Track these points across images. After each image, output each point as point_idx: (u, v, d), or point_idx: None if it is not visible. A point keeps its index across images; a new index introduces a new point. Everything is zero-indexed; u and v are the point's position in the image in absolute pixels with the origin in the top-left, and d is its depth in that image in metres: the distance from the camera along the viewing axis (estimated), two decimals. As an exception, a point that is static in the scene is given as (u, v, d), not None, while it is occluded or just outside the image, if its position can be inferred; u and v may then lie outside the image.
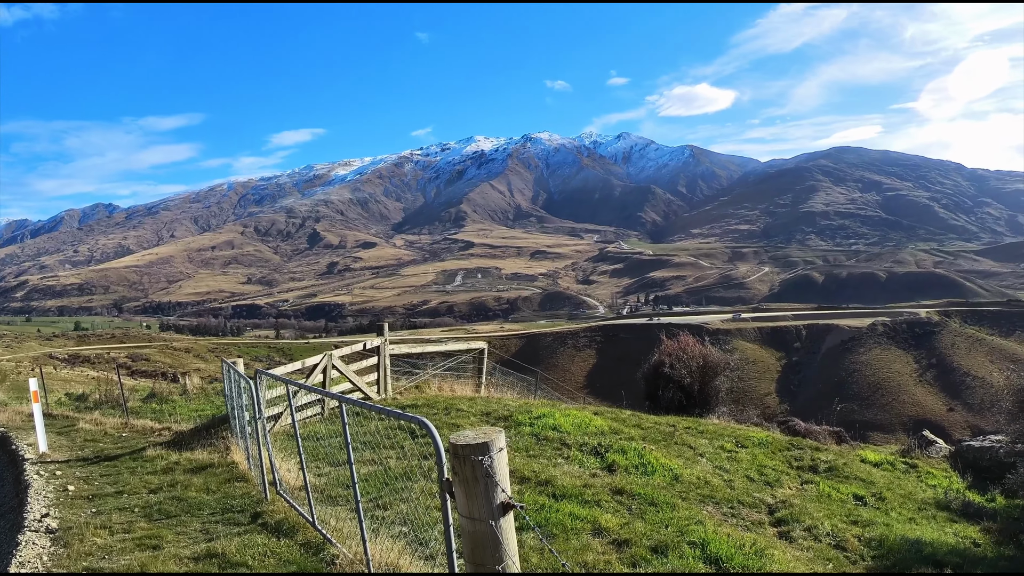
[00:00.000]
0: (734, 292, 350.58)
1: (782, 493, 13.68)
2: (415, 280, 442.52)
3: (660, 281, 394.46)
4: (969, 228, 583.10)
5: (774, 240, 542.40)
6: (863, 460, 18.24)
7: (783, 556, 9.59)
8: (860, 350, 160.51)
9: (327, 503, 10.10)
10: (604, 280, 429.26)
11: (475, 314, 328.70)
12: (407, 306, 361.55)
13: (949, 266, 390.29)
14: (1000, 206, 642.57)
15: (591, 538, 9.17)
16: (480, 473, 4.88)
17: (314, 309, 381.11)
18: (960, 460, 19.19)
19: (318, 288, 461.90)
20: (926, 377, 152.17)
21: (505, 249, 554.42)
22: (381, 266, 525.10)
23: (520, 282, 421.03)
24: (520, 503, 5.13)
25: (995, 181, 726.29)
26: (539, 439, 14.38)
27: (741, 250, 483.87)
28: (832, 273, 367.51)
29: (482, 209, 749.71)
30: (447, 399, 19.00)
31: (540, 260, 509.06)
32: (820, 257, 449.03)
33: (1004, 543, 12.76)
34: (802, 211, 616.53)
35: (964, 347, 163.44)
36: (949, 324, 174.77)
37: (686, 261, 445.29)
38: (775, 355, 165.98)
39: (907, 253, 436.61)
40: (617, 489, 11.38)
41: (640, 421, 17.73)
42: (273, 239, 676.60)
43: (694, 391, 23.19)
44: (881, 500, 14.53)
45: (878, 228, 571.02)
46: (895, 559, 10.96)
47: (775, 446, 17.44)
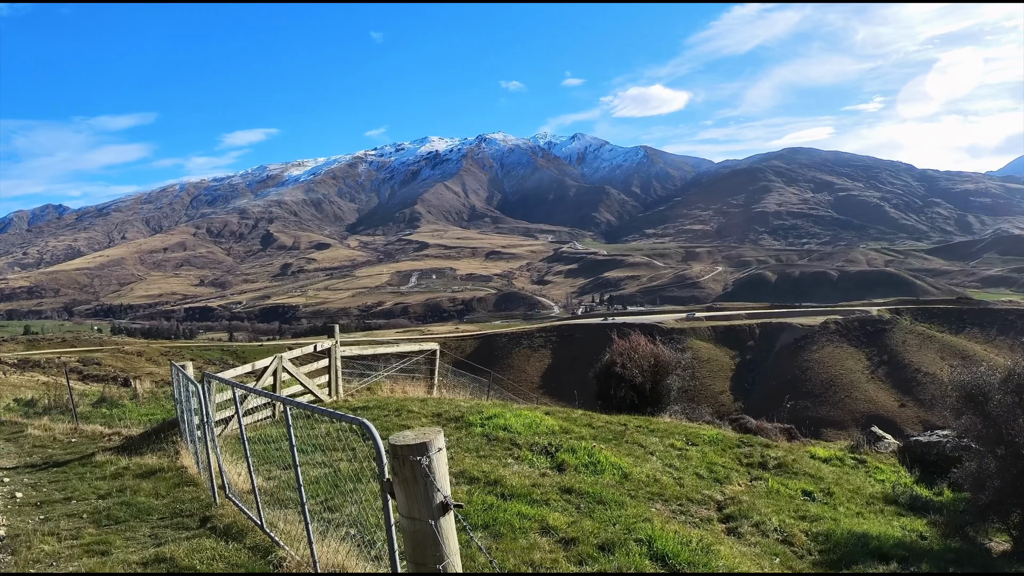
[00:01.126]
0: (688, 292, 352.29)
1: (731, 490, 13.79)
2: (369, 281, 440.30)
3: (615, 281, 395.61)
4: (919, 228, 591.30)
5: (727, 240, 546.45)
6: (812, 456, 18.43)
7: (729, 552, 9.67)
8: (813, 348, 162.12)
9: (277, 506, 10.03)
10: (559, 280, 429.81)
11: (430, 315, 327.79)
12: (362, 307, 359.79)
13: (900, 265, 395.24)
14: (949, 206, 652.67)
15: (539, 537, 9.18)
16: (419, 473, 4.89)
17: (268, 311, 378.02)
18: (908, 455, 19.41)
19: (272, 290, 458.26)
20: (878, 374, 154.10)
21: (460, 250, 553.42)
22: (335, 267, 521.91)
23: (475, 283, 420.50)
24: (459, 502, 5.15)
25: (945, 182, 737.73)
26: (490, 439, 14.39)
27: (695, 250, 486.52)
28: (785, 272, 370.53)
29: (437, 210, 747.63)
30: (399, 401, 18.95)
31: (495, 261, 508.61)
32: (773, 256, 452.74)
33: (950, 536, 12.95)
34: (755, 211, 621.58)
35: (915, 344, 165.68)
36: (900, 322, 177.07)
37: (640, 261, 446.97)
38: (729, 354, 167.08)
39: (859, 252, 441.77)
40: (566, 488, 11.41)
41: (591, 420, 17.80)
42: (226, 240, 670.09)
43: (646, 390, 23.28)
44: (829, 495, 14.67)
45: (830, 228, 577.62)
46: (841, 553, 11.08)
47: (725, 443, 17.58)
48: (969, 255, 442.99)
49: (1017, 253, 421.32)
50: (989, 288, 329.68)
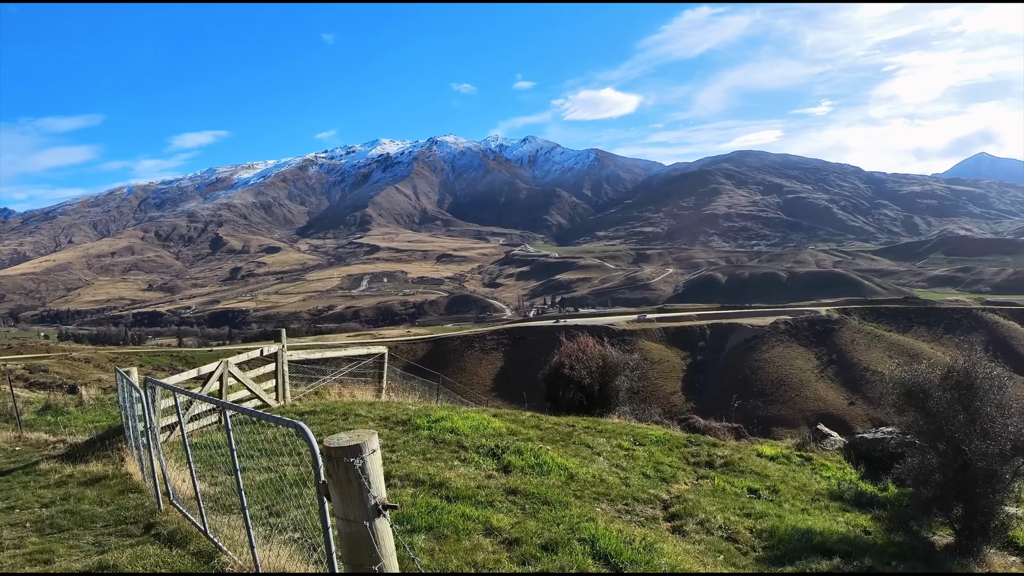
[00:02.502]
0: (639, 293, 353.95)
1: (677, 489, 13.89)
2: (320, 285, 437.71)
3: (566, 283, 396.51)
4: (867, 229, 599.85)
5: (678, 242, 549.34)
6: (759, 454, 18.57)
7: (673, 550, 9.73)
8: (763, 348, 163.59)
9: (221, 512, 10.00)
10: (511, 283, 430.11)
11: (381, 318, 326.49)
12: (312, 311, 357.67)
13: (848, 265, 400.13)
14: (896, 207, 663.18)
15: (482, 538, 9.20)
16: (353, 475, 4.89)
17: (217, 316, 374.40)
18: (853, 452, 19.64)
19: (221, 294, 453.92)
20: (827, 373, 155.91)
21: (411, 253, 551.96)
22: (285, 271, 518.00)
23: (427, 286, 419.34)
24: (395, 504, 5.15)
25: (891, 184, 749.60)
26: (437, 442, 14.38)
27: (646, 252, 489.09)
28: (735, 274, 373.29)
29: (388, 212, 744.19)
30: (346, 404, 18.87)
31: (446, 263, 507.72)
32: (723, 258, 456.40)
33: (894, 530, 13.14)
34: (705, 213, 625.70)
35: (863, 343, 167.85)
36: (849, 321, 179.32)
37: (592, 263, 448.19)
38: (680, 354, 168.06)
39: (807, 253, 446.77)
40: (511, 489, 11.44)
41: (539, 422, 17.82)
42: (175, 244, 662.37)
43: (594, 391, 23.36)
44: (775, 493, 14.81)
45: (779, 229, 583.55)
46: (785, 549, 11.20)
47: (673, 443, 17.67)
48: (915, 256, 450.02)
49: (962, 253, 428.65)
50: (935, 288, 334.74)
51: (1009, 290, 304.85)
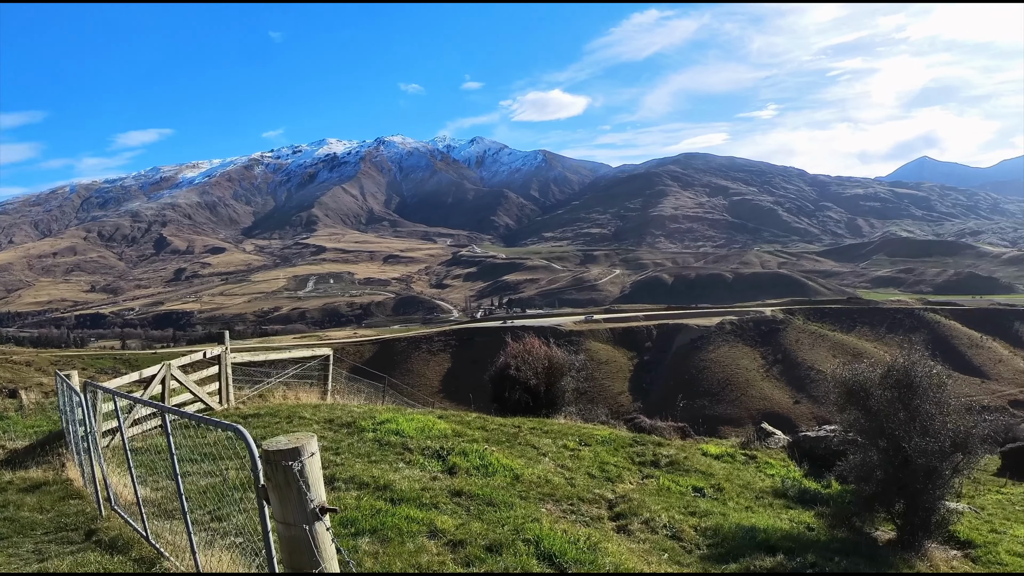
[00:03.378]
0: (586, 294, 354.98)
1: (622, 488, 13.94)
2: (266, 286, 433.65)
3: (514, 284, 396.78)
4: (811, 231, 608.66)
5: (625, 243, 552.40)
6: (704, 453, 18.71)
7: (617, 549, 9.78)
8: (709, 348, 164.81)
9: (164, 517, 9.88)
10: (458, 284, 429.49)
11: (328, 320, 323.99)
12: (258, 313, 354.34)
13: (793, 267, 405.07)
14: (840, 210, 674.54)
15: (426, 540, 9.18)
16: (291, 478, 4.85)
17: (161, 318, 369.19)
18: (797, 450, 19.87)
19: (165, 296, 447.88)
20: (773, 372, 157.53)
21: (358, 254, 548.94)
22: (230, 272, 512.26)
23: (373, 287, 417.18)
24: (334, 507, 5.10)
25: (835, 186, 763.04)
26: (381, 444, 14.29)
27: (593, 253, 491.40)
28: (681, 275, 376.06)
29: (334, 213, 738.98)
30: (291, 407, 18.71)
31: (393, 264, 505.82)
32: (669, 259, 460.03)
33: (837, 526, 13.29)
34: (652, 215, 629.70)
35: (808, 343, 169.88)
36: (793, 321, 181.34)
37: (539, 264, 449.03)
38: (627, 355, 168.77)
39: (753, 255, 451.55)
40: (456, 491, 11.42)
41: (485, 423, 17.80)
42: (118, 244, 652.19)
43: (540, 392, 23.37)
44: (719, 491, 14.92)
45: (725, 231, 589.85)
46: (730, 547, 11.30)
47: (618, 443, 17.73)
48: (859, 257, 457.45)
49: (904, 254, 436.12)
50: (878, 288, 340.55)
51: (950, 290, 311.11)
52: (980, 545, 14.41)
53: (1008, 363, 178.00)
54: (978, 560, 13.71)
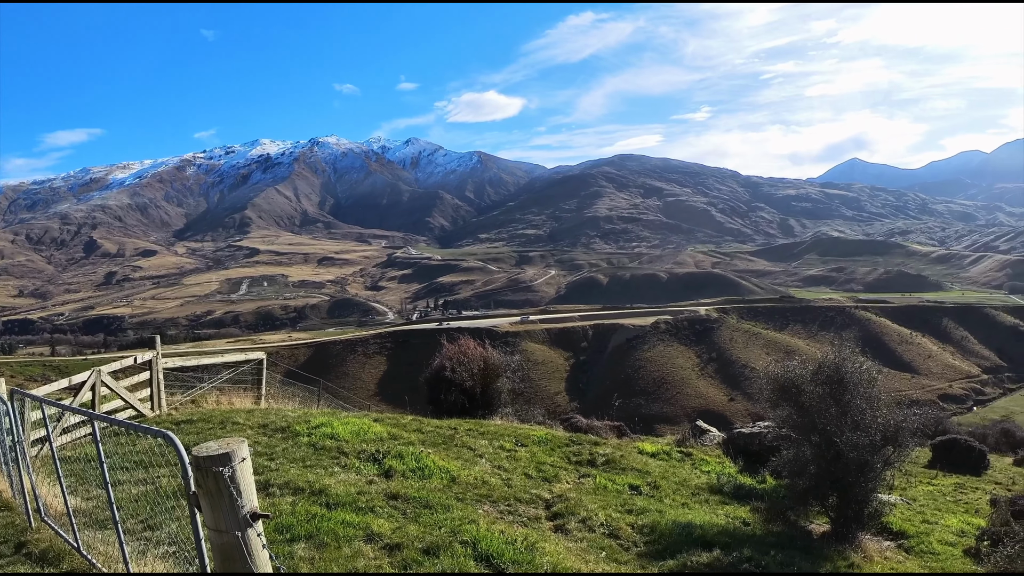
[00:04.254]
0: (522, 295, 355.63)
1: (559, 488, 13.95)
2: (198, 289, 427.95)
3: (449, 286, 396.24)
4: (744, 231, 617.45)
5: (560, 244, 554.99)
6: (640, 452, 18.81)
7: (554, 548, 9.77)
8: (645, 347, 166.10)
9: (96, 527, 9.64)
10: (393, 286, 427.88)
11: (262, 324, 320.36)
12: (191, 317, 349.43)
13: (726, 266, 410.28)
14: (772, 210, 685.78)
15: (363, 544, 9.09)
16: (222, 484, 4.77)
17: (92, 322, 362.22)
18: (732, 446, 20.07)
19: (96, 300, 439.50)
20: (708, 370, 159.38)
21: (292, 256, 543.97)
22: (162, 275, 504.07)
23: (308, 289, 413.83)
24: (267, 512, 5.03)
25: (768, 187, 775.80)
26: (317, 448, 14.16)
27: (528, 254, 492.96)
28: (616, 275, 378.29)
29: (268, 215, 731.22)
30: (224, 412, 18.45)
31: (328, 267, 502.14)
32: (604, 260, 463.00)
33: (772, 520, 13.44)
34: (587, 216, 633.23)
35: (742, 341, 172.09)
36: (727, 320, 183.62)
37: (475, 266, 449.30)
38: (564, 355, 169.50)
39: (687, 255, 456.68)
40: (392, 494, 11.33)
41: (421, 425, 17.70)
42: (47, 248, 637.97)
43: (476, 393, 23.33)
44: (656, 488, 15.01)
45: (659, 231, 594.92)
46: (666, 543, 11.36)
47: (555, 443, 17.76)
48: (791, 256, 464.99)
49: (835, 254, 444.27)
50: (810, 287, 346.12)
51: (880, 288, 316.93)
52: (913, 535, 14.75)
53: (937, 358, 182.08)
54: (911, 550, 14.00)
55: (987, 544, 13.74)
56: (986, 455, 28.93)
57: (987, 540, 13.97)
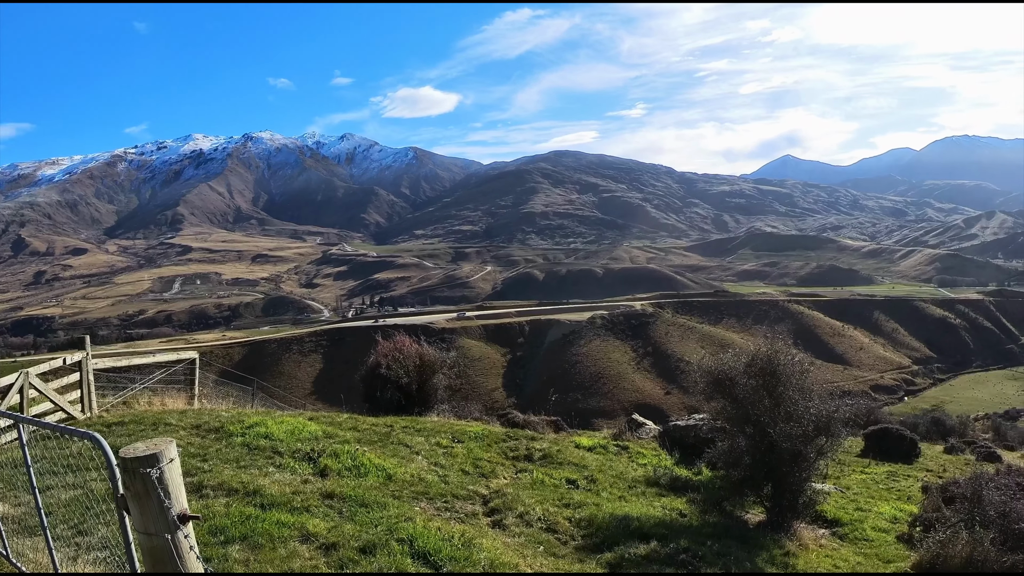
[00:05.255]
0: (458, 291, 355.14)
1: (497, 483, 13.94)
2: (131, 288, 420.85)
3: (385, 282, 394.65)
4: (679, 226, 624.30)
5: (496, 240, 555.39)
6: (577, 446, 18.88)
7: (492, 544, 9.78)
8: (581, 342, 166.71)
9: (26, 534, 9.43)
10: (328, 283, 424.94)
11: (195, 323, 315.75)
12: (123, 316, 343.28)
13: (661, 261, 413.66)
14: (707, 206, 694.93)
15: (299, 545, 9.01)
16: (150, 486, 4.69)
17: (21, 324, 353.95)
18: (668, 439, 20.17)
19: (24, 300, 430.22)
20: (644, 364, 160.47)
21: (225, 253, 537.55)
22: (93, 274, 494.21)
23: (242, 287, 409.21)
24: (196, 514, 4.95)
25: (702, 184, 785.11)
26: (251, 449, 13.99)
27: (464, 250, 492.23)
28: (552, 271, 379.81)
29: (200, 211, 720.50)
30: (156, 414, 18.15)
31: (262, 264, 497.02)
32: (540, 255, 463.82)
33: (709, 511, 13.63)
34: (523, 212, 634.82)
35: (677, 335, 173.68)
36: (663, 315, 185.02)
37: (410, 262, 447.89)
38: (500, 351, 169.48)
39: (622, 250, 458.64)
40: (328, 493, 11.23)
41: (357, 423, 17.57)
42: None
43: (412, 390, 23.24)
44: (593, 482, 15.07)
45: (595, 227, 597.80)
46: (604, 536, 11.41)
47: (492, 438, 17.75)
48: (725, 251, 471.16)
49: (769, 249, 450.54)
50: (744, 281, 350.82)
51: (812, 282, 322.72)
52: (847, 523, 15.04)
53: (869, 350, 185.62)
54: (845, 537, 14.28)
55: (919, 530, 14.03)
56: (917, 443, 29.52)
57: (919, 526, 14.26)
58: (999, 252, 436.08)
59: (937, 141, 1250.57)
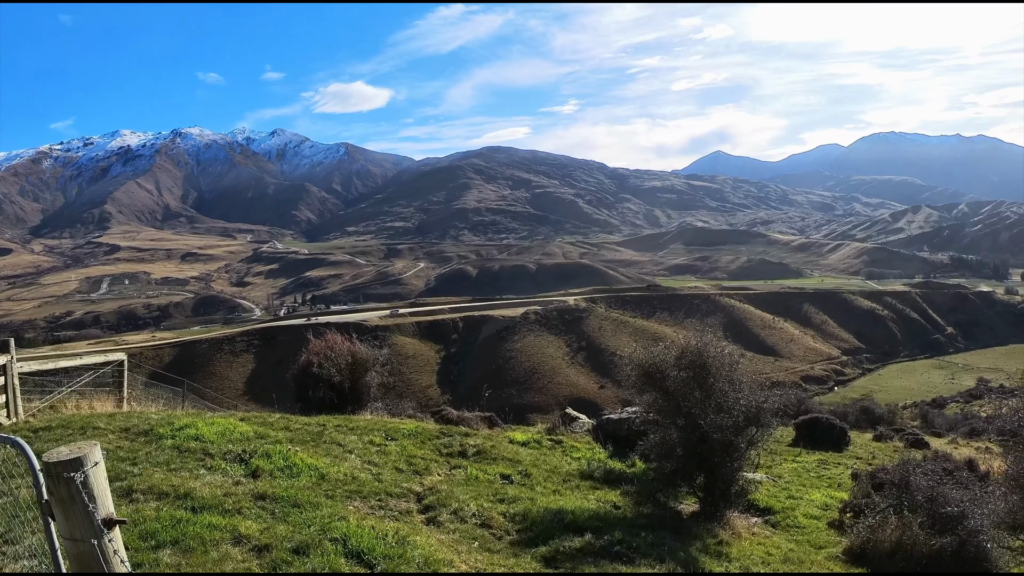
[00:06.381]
0: (391, 288, 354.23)
1: (430, 480, 13.92)
2: (57, 289, 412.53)
3: (317, 280, 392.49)
4: (611, 222, 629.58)
5: (429, 236, 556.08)
6: (511, 441, 18.90)
7: (426, 541, 9.77)
8: (515, 338, 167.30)
9: (-48, 546, 9.25)
10: (260, 281, 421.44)
11: (124, 323, 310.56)
12: (49, 318, 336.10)
13: (594, 257, 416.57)
14: (639, 201, 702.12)
15: (231, 547, 8.90)
16: (75, 490, 4.62)
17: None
18: (601, 432, 20.32)
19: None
20: (578, 359, 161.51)
21: (154, 252, 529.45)
22: (18, 275, 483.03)
23: (171, 287, 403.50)
24: (123, 518, 4.89)
25: (634, 179, 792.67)
26: (181, 451, 13.79)
27: (397, 247, 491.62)
28: (485, 267, 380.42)
29: (129, 209, 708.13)
30: (85, 417, 17.81)
31: (192, 263, 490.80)
32: (473, 252, 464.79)
33: (643, 503, 13.80)
34: (455, 208, 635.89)
35: (611, 329, 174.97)
36: (596, 309, 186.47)
37: (343, 259, 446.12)
38: (434, 348, 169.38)
39: (555, 246, 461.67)
40: (260, 494, 11.12)
41: (289, 423, 17.42)
42: None
43: (345, 389, 23.11)
44: (527, 477, 15.10)
45: (528, 223, 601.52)
46: (538, 530, 11.43)
47: (425, 435, 17.71)
48: (657, 246, 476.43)
49: (700, 243, 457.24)
50: (676, 276, 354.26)
51: (743, 276, 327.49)
52: (779, 511, 15.36)
53: (799, 342, 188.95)
54: (778, 525, 14.59)
55: (850, 516, 14.35)
56: (847, 432, 30.15)
57: (849, 512, 14.58)
58: (925, 245, 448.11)
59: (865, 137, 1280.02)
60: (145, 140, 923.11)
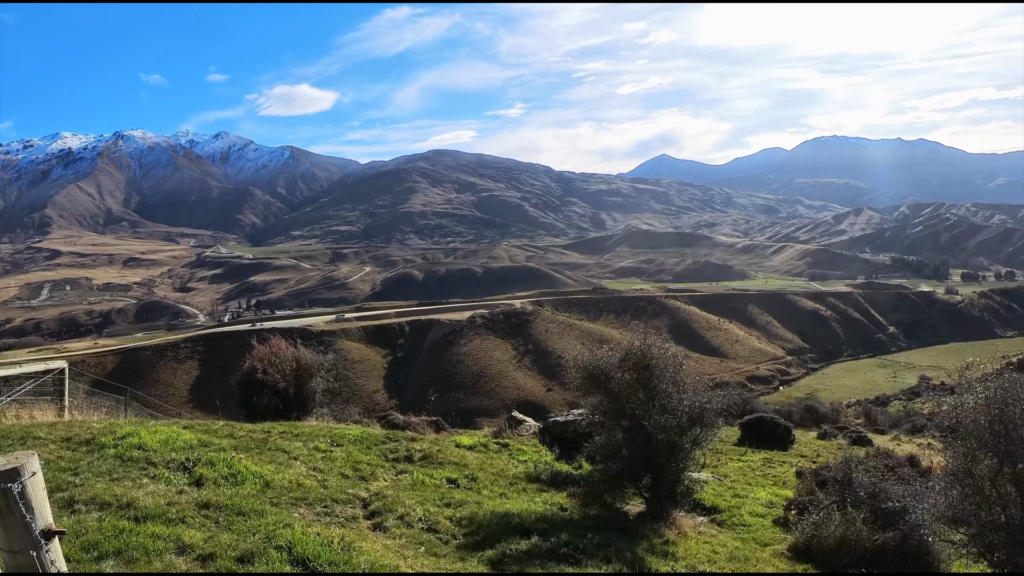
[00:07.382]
0: (337, 293, 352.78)
1: (377, 486, 13.87)
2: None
3: (261, 285, 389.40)
4: (557, 225, 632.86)
5: (374, 240, 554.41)
6: (458, 445, 18.89)
7: (372, 547, 9.73)
8: (462, 342, 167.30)
9: None
10: (203, 287, 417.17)
11: (66, 330, 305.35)
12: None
13: (540, 260, 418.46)
14: (585, 205, 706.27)
15: (175, 557, 8.79)
16: (12, 501, 4.53)
17: None
18: (548, 435, 20.35)
19: None
20: (525, 362, 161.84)
21: (96, 257, 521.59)
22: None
23: (114, 293, 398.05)
24: (62, 528, 4.81)
25: (580, 183, 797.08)
26: (124, 460, 13.61)
27: (342, 251, 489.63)
28: (431, 271, 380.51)
29: (70, 213, 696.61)
30: (24, 428, 17.50)
31: (134, 268, 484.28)
32: (420, 255, 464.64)
33: (589, 504, 13.84)
34: (401, 211, 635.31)
35: (557, 332, 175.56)
36: (542, 312, 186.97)
37: (287, 264, 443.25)
38: (381, 352, 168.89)
39: (501, 249, 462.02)
40: (204, 503, 11.00)
41: (233, 430, 17.26)
42: None
43: (290, 395, 22.95)
44: (473, 480, 15.11)
45: (474, 226, 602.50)
46: (485, 534, 11.45)
47: (371, 441, 17.64)
48: (603, 249, 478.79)
49: (645, 246, 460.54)
50: (622, 278, 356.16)
51: (689, 278, 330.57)
52: (725, 510, 15.53)
53: (744, 342, 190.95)
54: (724, 523, 14.75)
55: (794, 513, 14.53)
56: (792, 431, 30.45)
57: (794, 509, 14.76)
58: (866, 247, 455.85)
59: (808, 141, 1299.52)
60: (87, 143, 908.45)
